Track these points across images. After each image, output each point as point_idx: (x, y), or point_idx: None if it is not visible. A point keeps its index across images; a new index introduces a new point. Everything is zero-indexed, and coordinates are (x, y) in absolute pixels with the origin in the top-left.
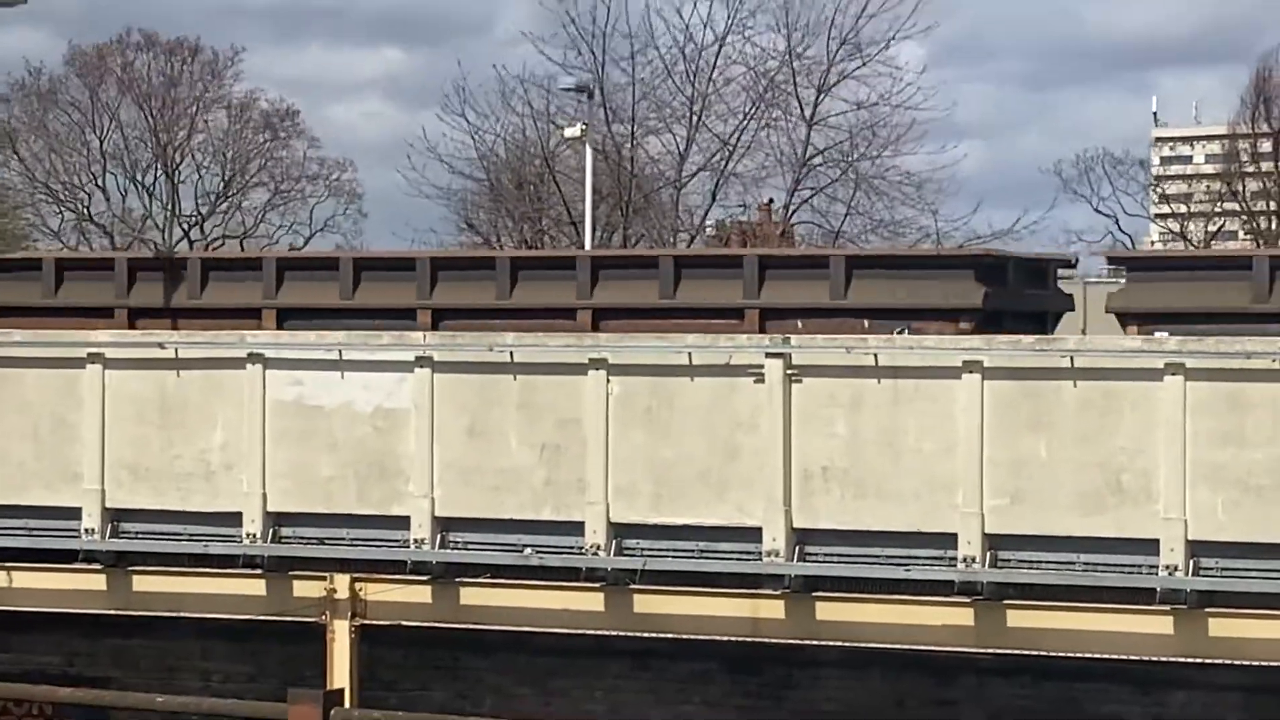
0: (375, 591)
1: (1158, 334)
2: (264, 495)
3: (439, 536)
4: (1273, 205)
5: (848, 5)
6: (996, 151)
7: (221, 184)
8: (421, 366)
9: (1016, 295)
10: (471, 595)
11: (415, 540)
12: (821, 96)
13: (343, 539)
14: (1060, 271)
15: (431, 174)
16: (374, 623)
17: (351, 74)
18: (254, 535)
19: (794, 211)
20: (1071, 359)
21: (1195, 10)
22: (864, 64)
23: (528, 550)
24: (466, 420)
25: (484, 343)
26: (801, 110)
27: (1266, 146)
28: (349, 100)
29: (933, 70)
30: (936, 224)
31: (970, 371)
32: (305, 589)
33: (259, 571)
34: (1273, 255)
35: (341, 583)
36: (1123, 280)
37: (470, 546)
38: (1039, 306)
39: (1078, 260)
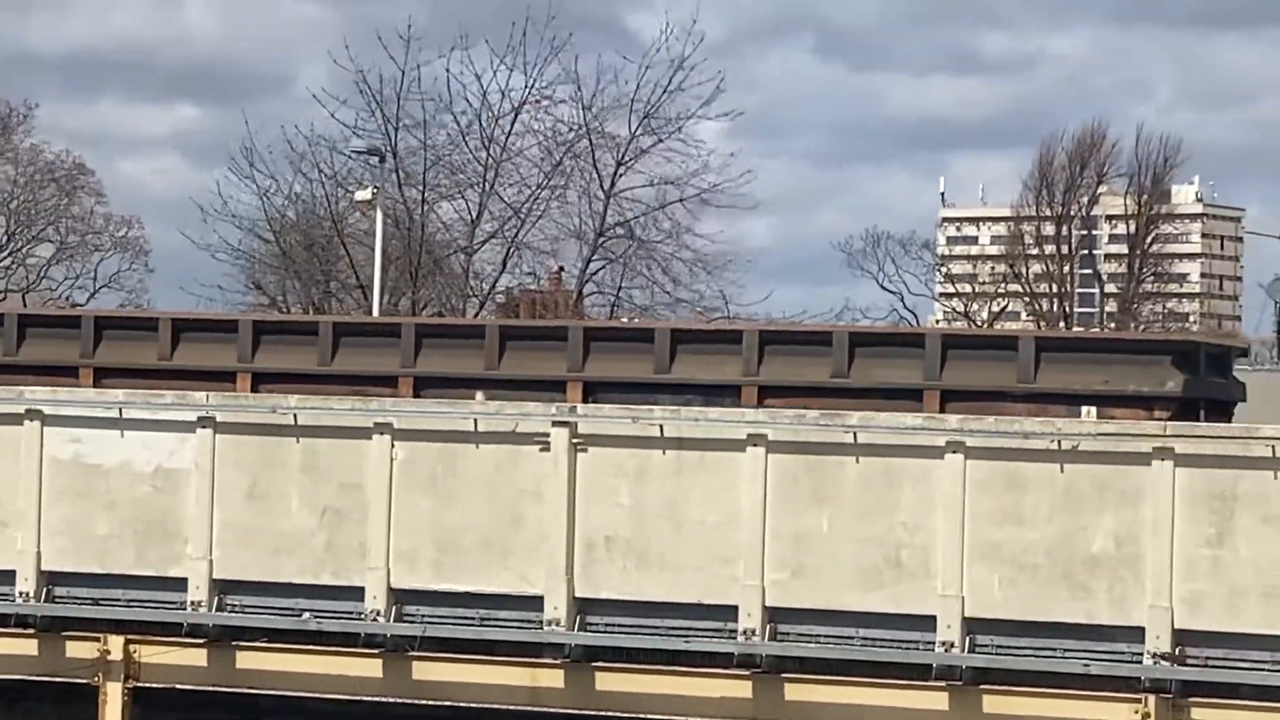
0: (150, 653)
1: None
2: (38, 554)
3: (216, 599)
4: (1054, 287)
5: (647, 80)
6: (791, 227)
7: (5, 237)
8: (204, 427)
9: (1205, 383)
10: (248, 659)
11: (192, 602)
12: (620, 170)
13: (119, 599)
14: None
15: (221, 232)
16: (148, 685)
17: (145, 129)
18: (27, 594)
19: (586, 281)
20: (855, 434)
21: (993, 93)
22: (661, 140)
23: (306, 615)
24: (248, 482)
25: (267, 404)
26: (600, 182)
27: (1049, 229)
28: (142, 156)
29: (731, 144)
30: (725, 298)
31: (754, 444)
32: (78, 649)
33: (31, 631)
34: None
35: (115, 643)
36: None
37: (248, 609)
38: (1224, 395)
39: (1249, 348)
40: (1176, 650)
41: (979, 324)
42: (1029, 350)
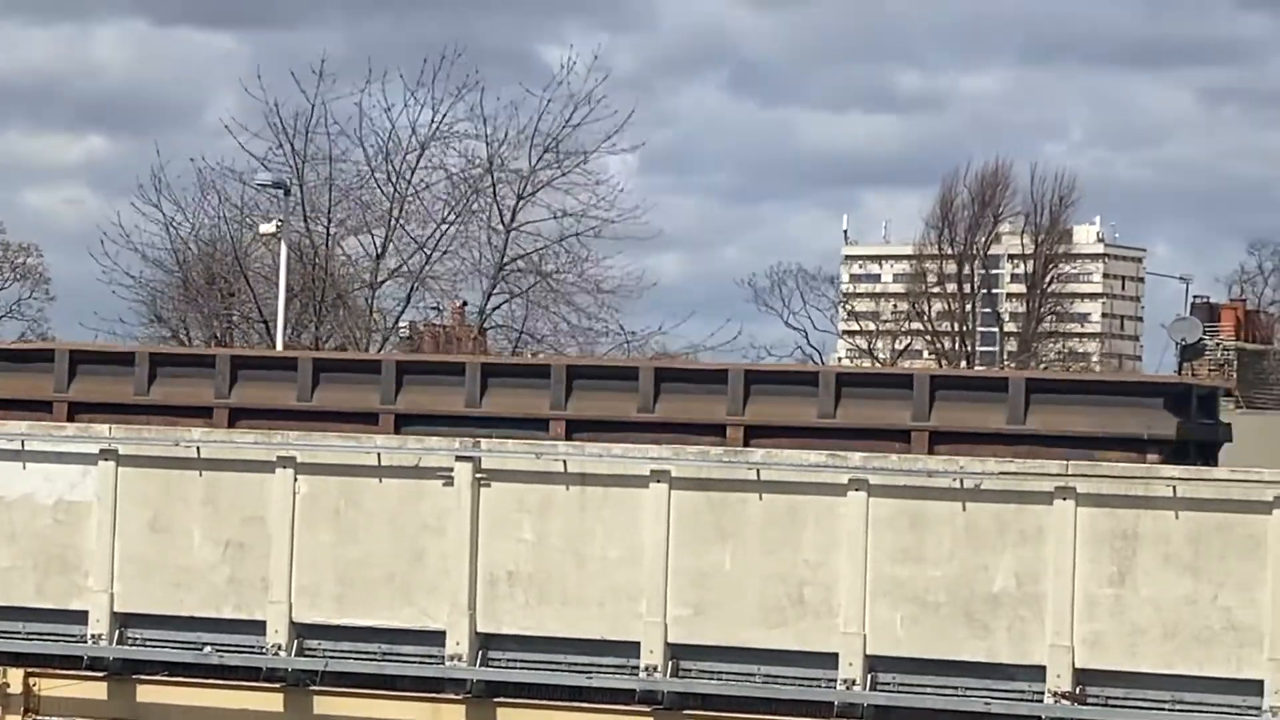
0: (50, 686)
1: None
2: None
3: (117, 632)
4: (956, 325)
5: (550, 115)
6: (701, 263)
7: None
8: (105, 459)
9: (1196, 425)
10: (149, 693)
11: (93, 635)
12: (521, 204)
13: (18, 632)
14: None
15: (124, 263)
16: (48, 718)
17: (54, 159)
18: None
19: (488, 316)
20: (758, 471)
21: (906, 130)
22: (564, 174)
23: (207, 648)
24: (150, 515)
25: (169, 437)
26: (501, 216)
27: (951, 268)
28: (49, 186)
29: (642, 180)
30: (626, 334)
31: (657, 480)
32: None
33: None
34: None
35: (15, 676)
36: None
37: (149, 643)
38: (1212, 437)
39: (1234, 390)
40: (1077, 689)
41: (881, 362)
42: (1019, 392)
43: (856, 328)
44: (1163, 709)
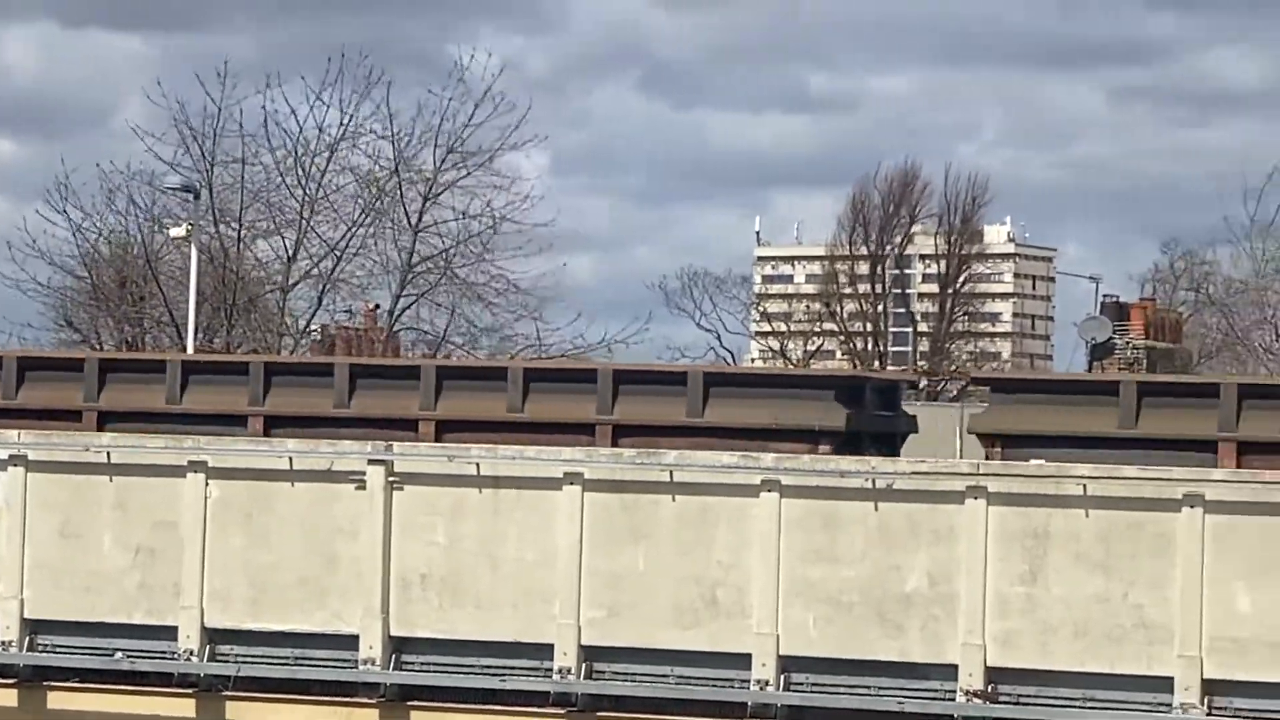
0: None
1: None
2: None
3: (28, 638)
4: (868, 326)
5: (455, 115)
6: (615, 264)
7: None
8: (15, 465)
9: (871, 417)
10: (60, 699)
11: (2, 642)
12: (427, 204)
13: None
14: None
15: (31, 269)
16: None
17: None
18: None
19: (398, 317)
20: (671, 473)
21: (819, 131)
22: (468, 173)
23: (119, 654)
24: (60, 520)
25: (79, 443)
26: (408, 218)
27: (863, 269)
28: None
29: (556, 181)
30: (539, 333)
31: (570, 483)
32: None
33: None
34: (1141, 381)
35: None
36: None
37: (60, 649)
38: (889, 428)
39: (922, 383)
40: (989, 688)
41: (794, 362)
42: (698, 385)
43: (769, 329)
44: (1074, 706)
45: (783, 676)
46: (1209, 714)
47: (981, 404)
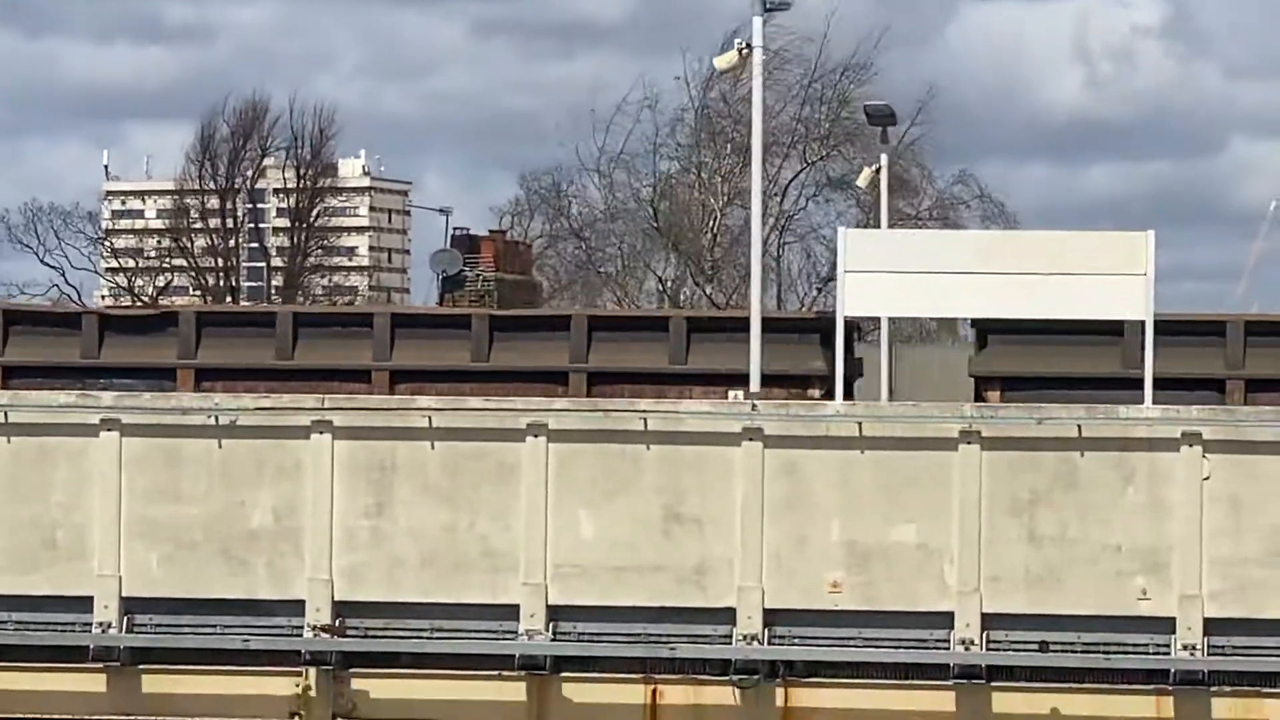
0: None
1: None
2: None
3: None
4: (220, 261)
5: None
6: None
7: None
8: None
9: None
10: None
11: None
12: None
13: None
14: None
15: None
16: None
17: None
18: None
19: None
20: (4, 413)
21: (173, 62)
22: None
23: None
24: None
25: None
26: None
27: (214, 203)
28: None
29: None
30: None
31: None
32: None
33: None
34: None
35: None
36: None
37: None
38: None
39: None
40: (337, 622)
41: (145, 300)
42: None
43: (118, 265)
44: (421, 636)
45: (125, 618)
46: (554, 639)
47: None
